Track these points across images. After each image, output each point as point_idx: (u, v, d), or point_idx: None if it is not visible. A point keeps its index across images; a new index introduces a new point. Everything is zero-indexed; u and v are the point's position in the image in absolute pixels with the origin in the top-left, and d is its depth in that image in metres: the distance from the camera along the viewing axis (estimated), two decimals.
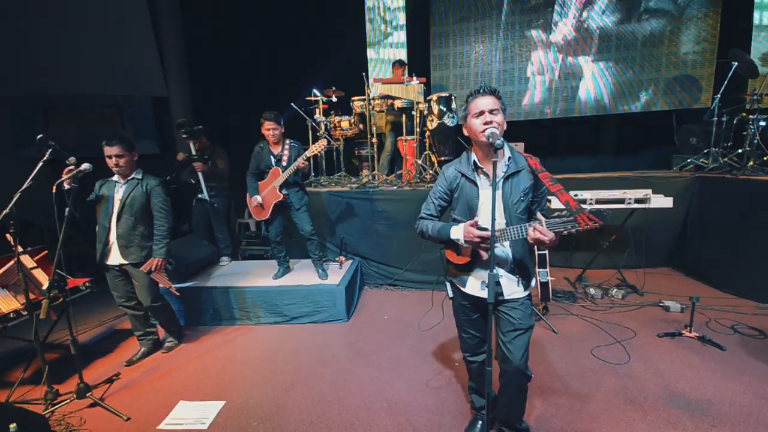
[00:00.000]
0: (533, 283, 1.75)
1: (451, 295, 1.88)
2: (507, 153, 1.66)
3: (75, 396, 2.39)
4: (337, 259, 4.20)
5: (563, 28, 5.64)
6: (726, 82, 4.38)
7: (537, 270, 3.21)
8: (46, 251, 2.96)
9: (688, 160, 4.65)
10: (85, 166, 2.42)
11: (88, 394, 2.39)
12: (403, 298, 4.02)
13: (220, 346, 3.19)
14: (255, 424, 2.20)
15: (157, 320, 2.84)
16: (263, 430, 2.15)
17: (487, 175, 1.65)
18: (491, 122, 1.55)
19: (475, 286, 1.73)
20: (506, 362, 1.68)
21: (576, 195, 3.67)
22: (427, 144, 4.66)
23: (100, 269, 2.83)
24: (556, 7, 5.59)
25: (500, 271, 1.67)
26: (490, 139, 1.49)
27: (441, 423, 2.13)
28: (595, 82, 5.70)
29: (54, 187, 2.31)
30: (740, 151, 4.25)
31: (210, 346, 3.20)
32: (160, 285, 2.90)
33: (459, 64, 5.91)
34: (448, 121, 4.37)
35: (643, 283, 3.80)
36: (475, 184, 1.68)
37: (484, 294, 1.66)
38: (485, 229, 1.54)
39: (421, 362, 2.79)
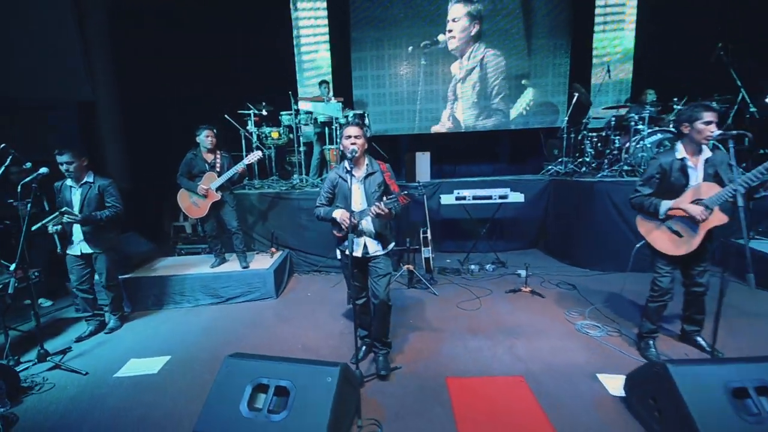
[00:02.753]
0: (391, 246, 2.67)
1: (339, 257, 2.75)
2: (366, 161, 2.58)
3: (36, 360, 2.86)
4: (269, 250, 4.89)
5: (457, 65, 6.93)
6: (570, 108, 5.85)
7: (422, 248, 4.22)
8: None
9: (549, 167, 6.06)
10: (42, 170, 2.92)
11: (48, 358, 2.87)
12: (326, 280, 4.82)
13: (163, 322, 3.75)
14: (197, 367, 2.87)
15: (109, 297, 3.40)
16: (205, 371, 2.81)
17: (354, 175, 2.54)
18: (355, 143, 2.46)
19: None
20: (375, 297, 2.59)
21: (458, 192, 4.79)
22: None
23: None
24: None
25: (366, 238, 2.58)
26: (349, 155, 2.43)
27: (339, 353, 2.97)
28: (483, 109, 7.06)
29: (18, 187, 2.81)
30: (580, 160, 5.71)
31: (154, 323, 3.74)
32: None
33: (376, 85, 6.94)
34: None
35: (506, 260, 5.00)
36: (347, 182, 2.55)
37: (357, 253, 2.56)
38: (352, 213, 2.43)
39: (333, 321, 3.61)
